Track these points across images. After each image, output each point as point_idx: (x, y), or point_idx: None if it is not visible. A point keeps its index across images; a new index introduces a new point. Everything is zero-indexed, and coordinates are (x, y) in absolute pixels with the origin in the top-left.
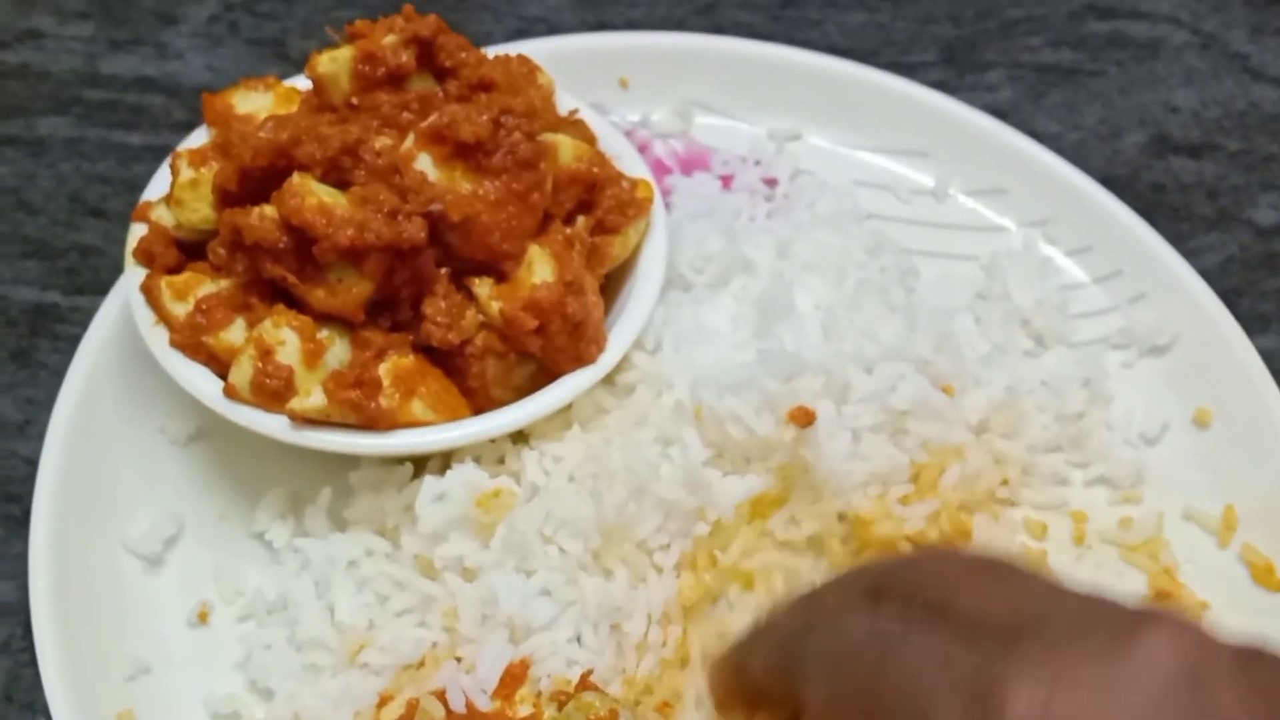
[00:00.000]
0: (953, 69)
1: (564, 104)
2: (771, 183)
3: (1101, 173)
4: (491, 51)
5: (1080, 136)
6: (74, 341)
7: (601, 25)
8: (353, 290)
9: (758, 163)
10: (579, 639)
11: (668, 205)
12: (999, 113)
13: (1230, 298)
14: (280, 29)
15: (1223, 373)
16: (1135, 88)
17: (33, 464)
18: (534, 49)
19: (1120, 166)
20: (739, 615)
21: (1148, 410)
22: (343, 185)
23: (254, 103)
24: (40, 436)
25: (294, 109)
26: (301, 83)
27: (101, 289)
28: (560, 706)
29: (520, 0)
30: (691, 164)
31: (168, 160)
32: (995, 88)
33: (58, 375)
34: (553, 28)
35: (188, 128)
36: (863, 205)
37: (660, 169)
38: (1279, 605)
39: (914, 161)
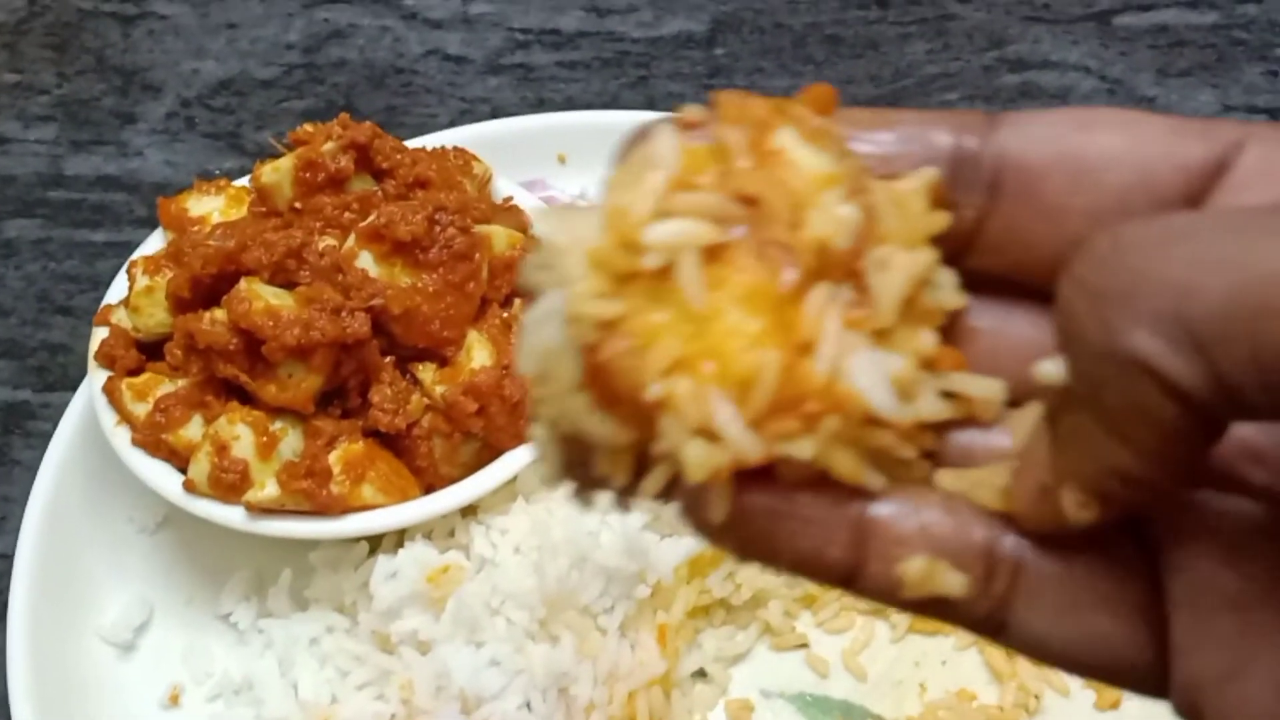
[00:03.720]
0: None
1: (500, 190)
2: None
3: None
4: (433, 139)
5: None
6: (46, 438)
7: (540, 102)
8: (302, 384)
9: None
10: (528, 705)
11: None
12: None
13: None
14: (234, 122)
15: None
16: None
17: (8, 558)
18: (476, 133)
19: None
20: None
21: None
22: (289, 285)
23: (206, 204)
24: (15, 531)
25: (244, 209)
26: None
27: (71, 385)
28: None
29: (462, 84)
30: None
31: (125, 266)
32: None
33: (31, 471)
34: (495, 108)
35: (149, 223)
36: None
37: None
38: None
39: None
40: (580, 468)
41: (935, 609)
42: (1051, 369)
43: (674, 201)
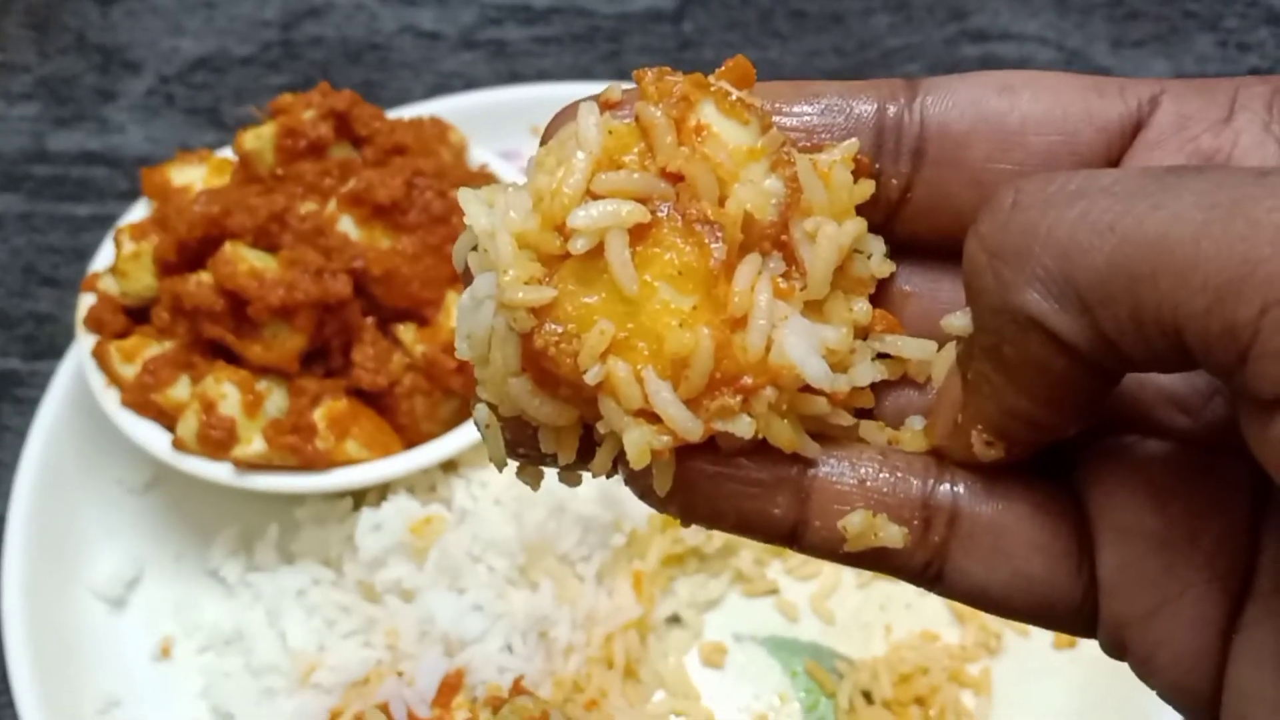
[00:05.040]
0: None
1: (475, 158)
2: None
3: None
4: (409, 111)
5: None
6: (35, 404)
7: (514, 76)
8: (287, 344)
9: None
10: (510, 648)
11: None
12: None
13: None
14: (213, 98)
15: None
16: None
17: (0, 519)
18: (451, 105)
19: None
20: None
21: None
22: (272, 249)
23: (189, 174)
24: (7, 495)
25: (226, 178)
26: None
27: (58, 353)
28: (495, 711)
29: (438, 58)
30: None
31: (111, 234)
32: None
33: (21, 436)
34: (469, 82)
35: (131, 196)
36: None
37: None
38: None
39: None
40: (525, 446)
41: (876, 561)
42: (958, 320)
43: (600, 182)
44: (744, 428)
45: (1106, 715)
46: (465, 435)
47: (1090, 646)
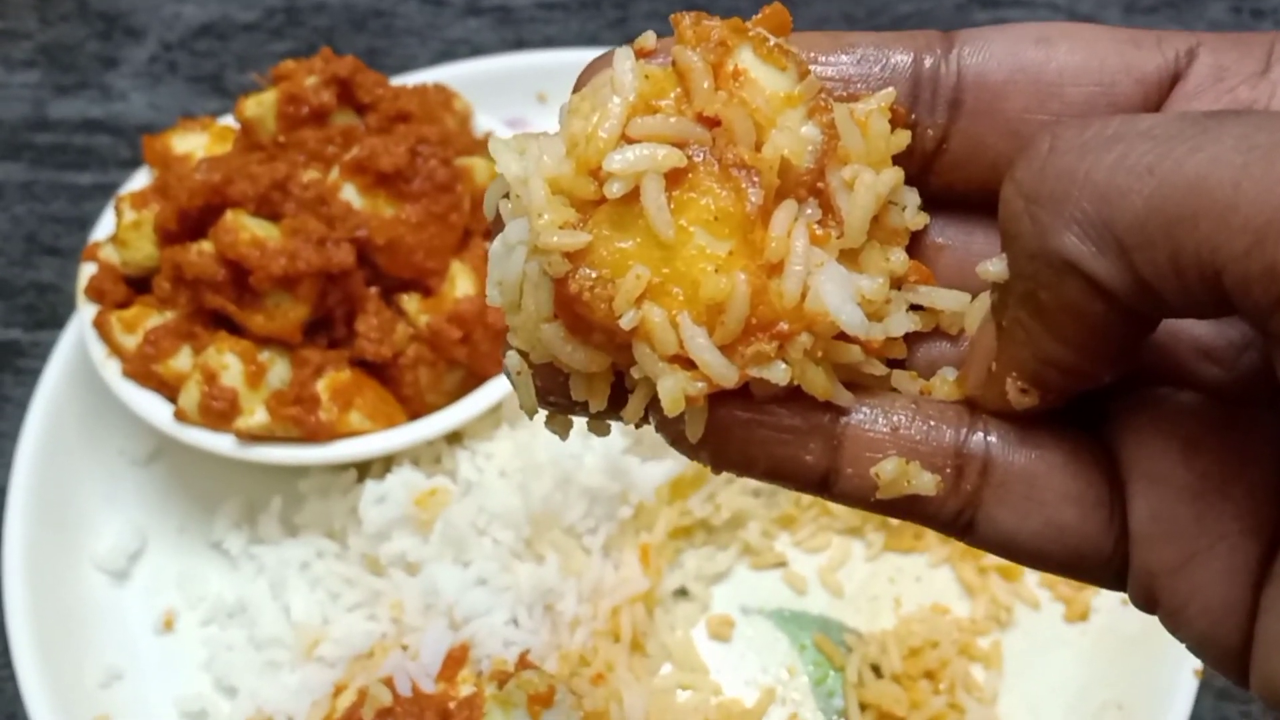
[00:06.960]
0: None
1: (481, 125)
2: None
3: None
4: (414, 78)
5: None
6: (36, 375)
7: (520, 43)
8: (289, 314)
9: None
10: (515, 621)
11: None
12: None
13: None
14: (217, 65)
15: None
16: None
17: (1, 491)
18: (457, 72)
19: None
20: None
21: None
22: (275, 217)
23: (191, 142)
24: (8, 465)
25: (229, 145)
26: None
27: (60, 323)
28: (500, 685)
29: (443, 24)
30: None
31: (112, 202)
32: None
33: (22, 407)
34: (475, 48)
35: (133, 164)
36: None
37: None
38: None
39: None
40: (556, 394)
41: (907, 509)
42: (994, 267)
43: (635, 126)
44: (779, 374)
45: (1117, 688)
46: (470, 406)
47: (1100, 619)
